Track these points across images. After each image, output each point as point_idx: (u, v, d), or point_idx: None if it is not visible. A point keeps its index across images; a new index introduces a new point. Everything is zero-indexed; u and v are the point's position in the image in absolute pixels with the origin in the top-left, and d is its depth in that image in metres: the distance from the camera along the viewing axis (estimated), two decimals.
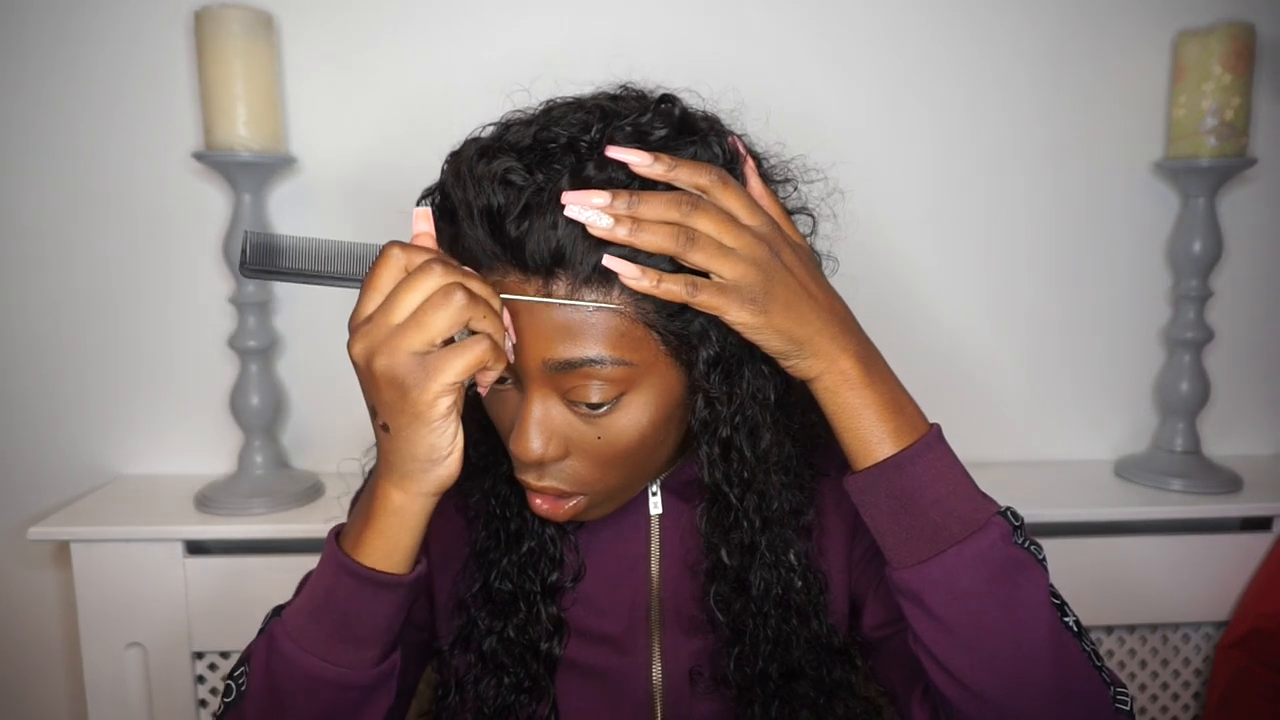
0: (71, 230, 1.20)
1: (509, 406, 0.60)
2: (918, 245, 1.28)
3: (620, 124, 0.55)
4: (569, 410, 0.58)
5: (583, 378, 0.56)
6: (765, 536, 0.65)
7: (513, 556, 0.68)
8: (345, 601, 0.56)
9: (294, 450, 1.27)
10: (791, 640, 0.67)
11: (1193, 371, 1.27)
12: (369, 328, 0.51)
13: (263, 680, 0.57)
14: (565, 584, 0.70)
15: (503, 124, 0.59)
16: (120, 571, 1.10)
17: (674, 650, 0.70)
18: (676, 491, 0.71)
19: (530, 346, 0.55)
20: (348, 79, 1.20)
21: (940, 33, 1.25)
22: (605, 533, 0.71)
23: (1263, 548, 1.21)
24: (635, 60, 0.76)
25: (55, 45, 1.17)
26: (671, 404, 0.59)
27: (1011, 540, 0.57)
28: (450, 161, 0.58)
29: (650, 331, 0.56)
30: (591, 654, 0.70)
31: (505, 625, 0.68)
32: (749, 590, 0.66)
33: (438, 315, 0.49)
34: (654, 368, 0.57)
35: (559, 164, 0.53)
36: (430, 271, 0.50)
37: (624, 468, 0.61)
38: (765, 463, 0.62)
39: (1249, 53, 1.17)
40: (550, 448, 0.58)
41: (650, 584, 0.71)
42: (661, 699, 0.70)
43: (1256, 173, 1.29)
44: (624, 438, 0.58)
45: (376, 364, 0.50)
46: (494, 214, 0.53)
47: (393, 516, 0.55)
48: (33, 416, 1.24)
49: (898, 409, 0.58)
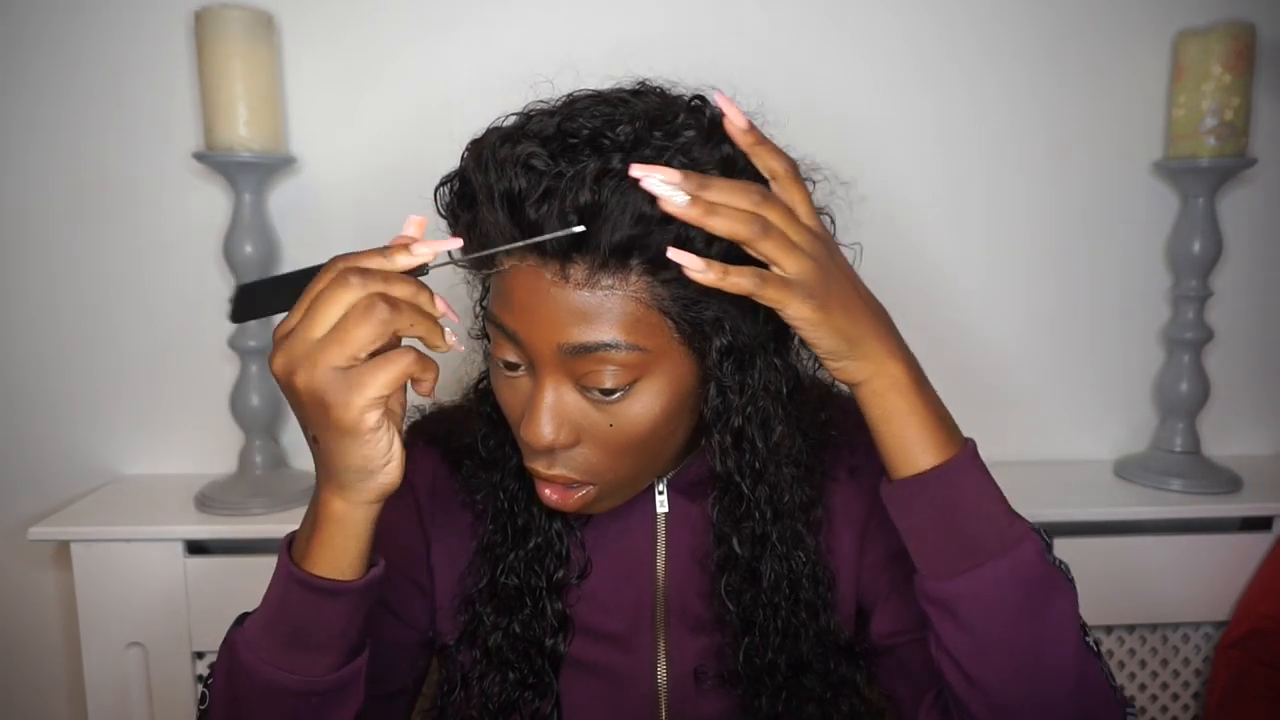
0: (72, 230, 1.20)
1: (520, 393, 0.60)
2: (917, 245, 1.28)
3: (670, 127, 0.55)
4: (581, 397, 0.58)
5: (597, 363, 0.56)
6: (776, 528, 0.65)
7: (519, 552, 0.68)
8: (297, 610, 0.55)
9: (294, 450, 1.27)
10: (800, 633, 0.67)
11: (1192, 371, 1.27)
12: (290, 342, 0.49)
13: (224, 688, 0.58)
14: (571, 581, 0.70)
15: (525, 114, 0.59)
16: (120, 571, 1.10)
17: (679, 649, 0.70)
18: (682, 491, 0.71)
19: (544, 331, 0.55)
20: (348, 79, 1.20)
21: (940, 33, 1.25)
22: (611, 530, 0.71)
23: (1262, 548, 1.21)
24: (639, 61, 0.76)
25: (55, 45, 1.17)
26: (684, 392, 0.59)
27: (1045, 558, 0.58)
28: (472, 148, 0.58)
29: (665, 318, 0.56)
30: (595, 652, 0.70)
31: (511, 621, 0.68)
32: (760, 581, 0.66)
33: (359, 330, 0.47)
34: (667, 354, 0.57)
35: (582, 155, 0.53)
36: (346, 283, 0.48)
37: (635, 457, 0.60)
38: (777, 455, 0.63)
39: (1249, 53, 1.17)
40: (562, 434, 0.58)
41: (655, 583, 0.71)
42: (666, 698, 0.70)
43: (1256, 173, 1.29)
44: (636, 425, 0.58)
45: (297, 380, 0.48)
46: (514, 197, 0.53)
47: (335, 525, 0.53)
48: (33, 416, 1.24)
49: (940, 419, 0.59)
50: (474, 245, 0.56)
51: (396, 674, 0.70)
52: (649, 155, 0.53)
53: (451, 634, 0.71)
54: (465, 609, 0.70)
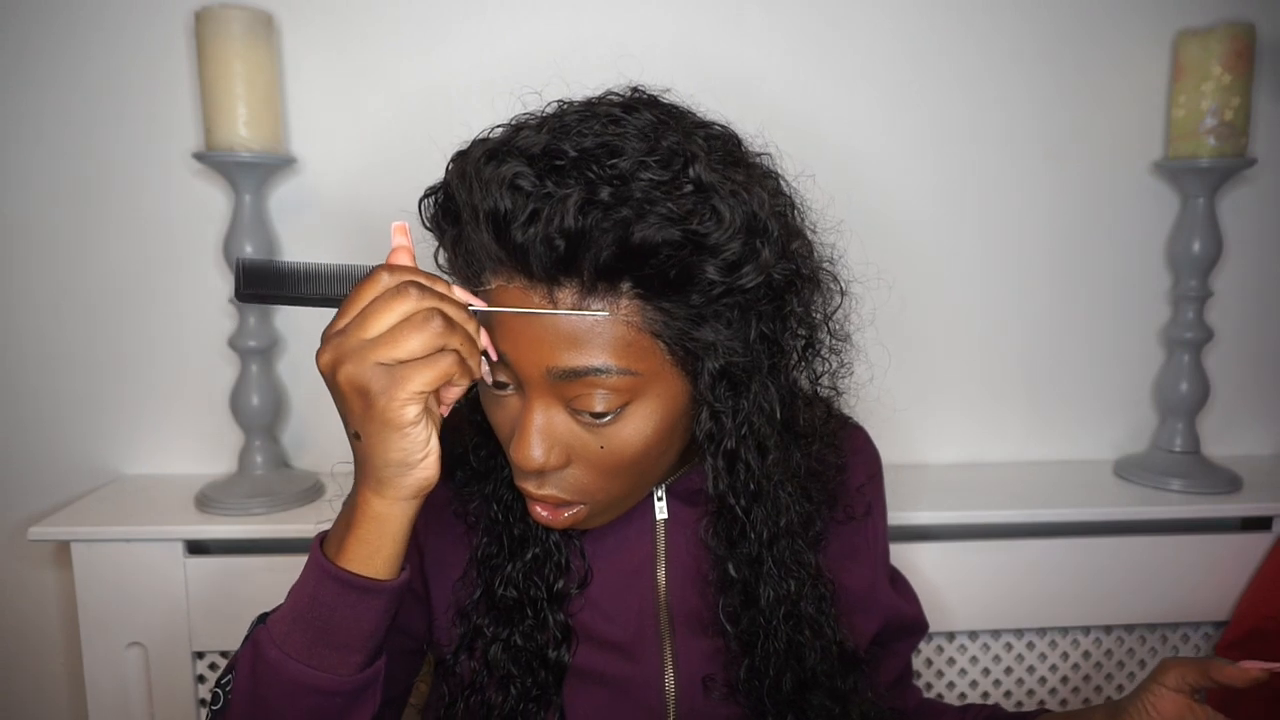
0: (72, 230, 1.20)
1: (509, 412, 0.59)
2: (917, 245, 1.28)
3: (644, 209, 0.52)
4: (572, 419, 0.57)
5: (587, 386, 0.55)
6: (773, 550, 0.65)
7: (517, 563, 0.67)
8: (329, 607, 0.55)
9: (294, 450, 1.27)
10: (804, 651, 0.66)
11: (1192, 371, 1.27)
12: (340, 339, 0.51)
13: (248, 686, 0.57)
14: (572, 590, 0.69)
15: (512, 127, 0.58)
16: (120, 571, 1.10)
17: (686, 655, 0.70)
18: (682, 497, 0.71)
19: (534, 354, 0.55)
20: (348, 79, 1.20)
21: (939, 34, 1.25)
22: (610, 538, 0.70)
23: (1262, 548, 1.21)
24: (639, 62, 0.75)
25: (55, 46, 1.17)
26: (676, 414, 0.59)
27: None
28: (456, 161, 0.57)
29: (657, 341, 0.55)
30: (600, 661, 0.69)
31: (511, 633, 0.67)
32: (758, 602, 0.65)
33: (413, 338, 0.50)
34: (659, 377, 0.57)
35: (570, 177, 0.52)
36: (406, 295, 0.50)
37: (626, 477, 0.60)
38: (771, 477, 0.62)
39: (1249, 53, 1.17)
40: (552, 456, 0.58)
41: (657, 589, 0.70)
42: (675, 705, 0.69)
43: (1256, 173, 1.29)
44: (627, 448, 0.58)
45: (341, 373, 0.50)
46: (500, 219, 0.53)
47: (373, 523, 0.54)
48: (33, 416, 1.24)
49: None
50: (460, 260, 0.56)
51: (394, 680, 0.70)
52: (636, 199, 0.52)
53: (449, 645, 0.70)
54: (461, 621, 0.69)
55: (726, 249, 0.54)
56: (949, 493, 1.21)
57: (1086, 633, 1.24)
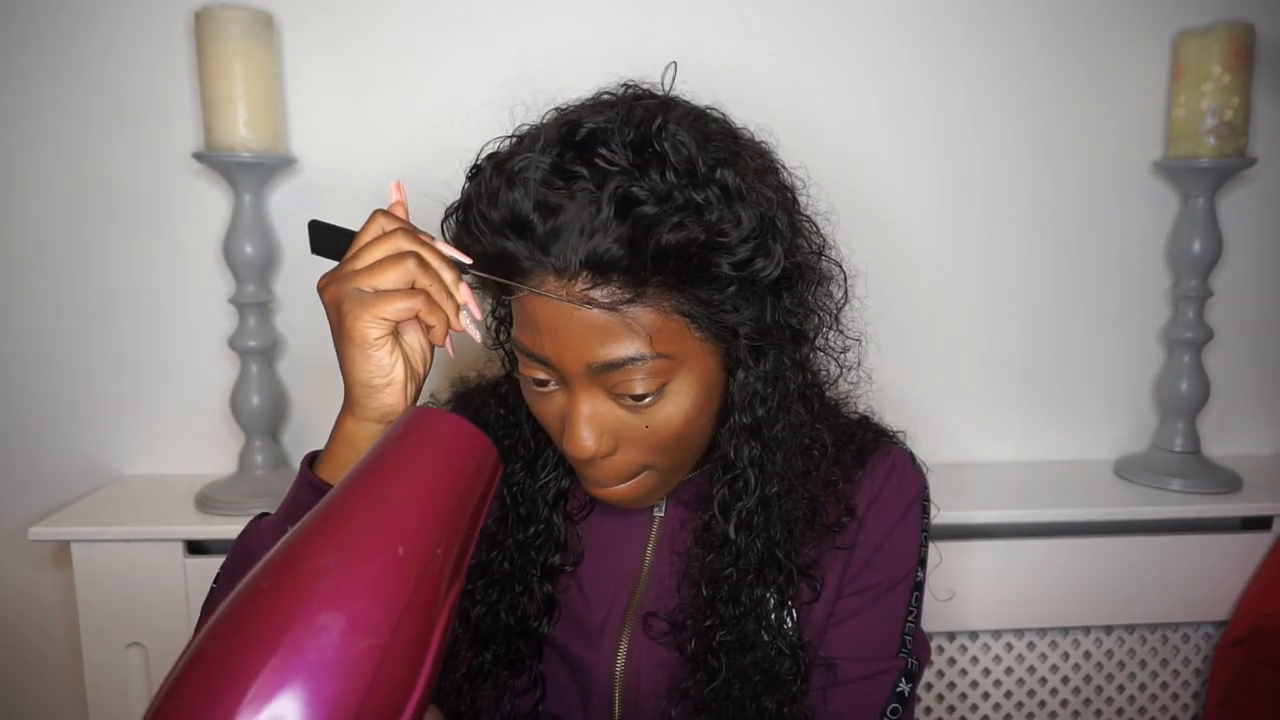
0: (72, 230, 1.20)
1: (555, 406, 0.63)
2: (917, 245, 1.28)
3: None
4: (615, 404, 0.61)
5: (626, 374, 0.58)
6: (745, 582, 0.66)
7: (518, 537, 0.72)
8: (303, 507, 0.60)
9: (294, 450, 1.27)
10: (749, 671, 0.67)
11: (1192, 371, 1.27)
12: (336, 269, 0.60)
13: (231, 572, 0.65)
14: (566, 567, 0.73)
15: (515, 137, 0.62)
16: (120, 571, 1.10)
17: (638, 649, 0.71)
18: (684, 502, 0.73)
19: (573, 351, 0.58)
20: (348, 79, 1.20)
21: (939, 33, 1.25)
22: (608, 527, 0.74)
23: (1262, 547, 1.21)
24: (637, 63, 0.76)
25: (55, 46, 1.17)
26: (711, 383, 0.63)
27: None
28: (472, 177, 0.61)
29: (686, 321, 0.59)
30: (570, 638, 0.72)
31: (499, 599, 0.71)
32: (720, 613, 0.67)
33: (388, 272, 0.58)
34: (693, 355, 0.60)
35: (582, 175, 0.55)
36: (394, 238, 0.58)
37: (673, 451, 0.64)
38: (784, 445, 0.65)
39: (1248, 53, 1.17)
40: (603, 443, 0.61)
41: (636, 583, 0.72)
42: (620, 693, 0.72)
43: (1256, 173, 1.29)
44: (671, 424, 0.62)
45: (328, 291, 0.59)
46: (520, 220, 0.56)
47: (344, 439, 0.62)
48: (33, 416, 1.24)
49: None
50: (498, 273, 0.59)
51: None
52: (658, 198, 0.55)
53: None
54: None
55: (741, 248, 0.57)
56: (949, 493, 1.21)
57: (1087, 633, 1.24)
